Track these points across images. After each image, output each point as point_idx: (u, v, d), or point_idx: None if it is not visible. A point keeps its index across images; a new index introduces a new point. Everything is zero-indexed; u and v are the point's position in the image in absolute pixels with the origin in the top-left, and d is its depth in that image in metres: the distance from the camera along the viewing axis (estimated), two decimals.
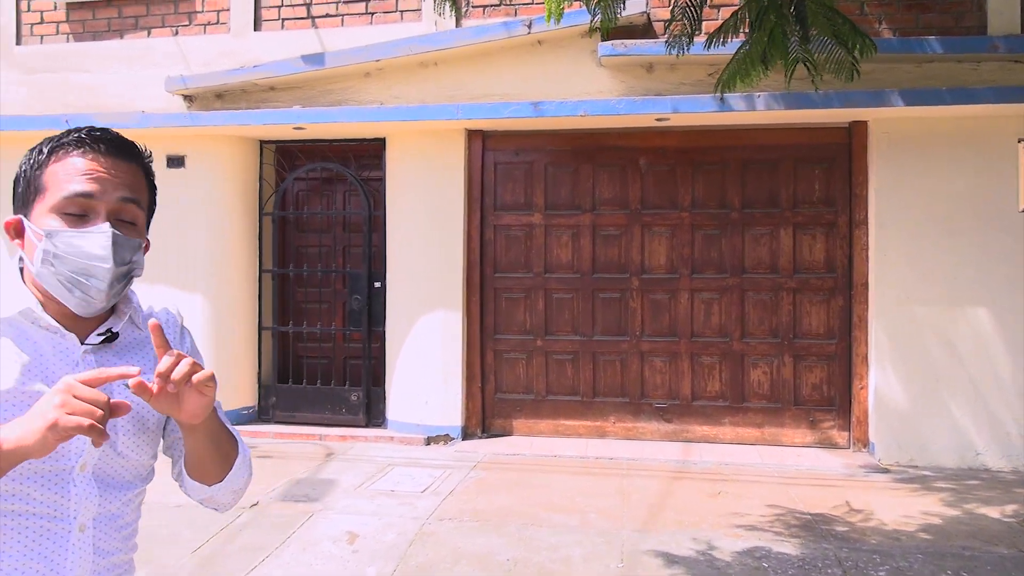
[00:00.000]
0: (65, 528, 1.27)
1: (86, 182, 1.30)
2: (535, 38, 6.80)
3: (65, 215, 1.30)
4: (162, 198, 5.81)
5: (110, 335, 1.38)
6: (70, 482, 1.28)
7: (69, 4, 7.71)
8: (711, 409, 6.78)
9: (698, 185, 6.85)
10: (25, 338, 1.30)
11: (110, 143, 1.35)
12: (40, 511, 1.26)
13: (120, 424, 1.35)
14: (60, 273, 1.29)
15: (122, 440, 1.36)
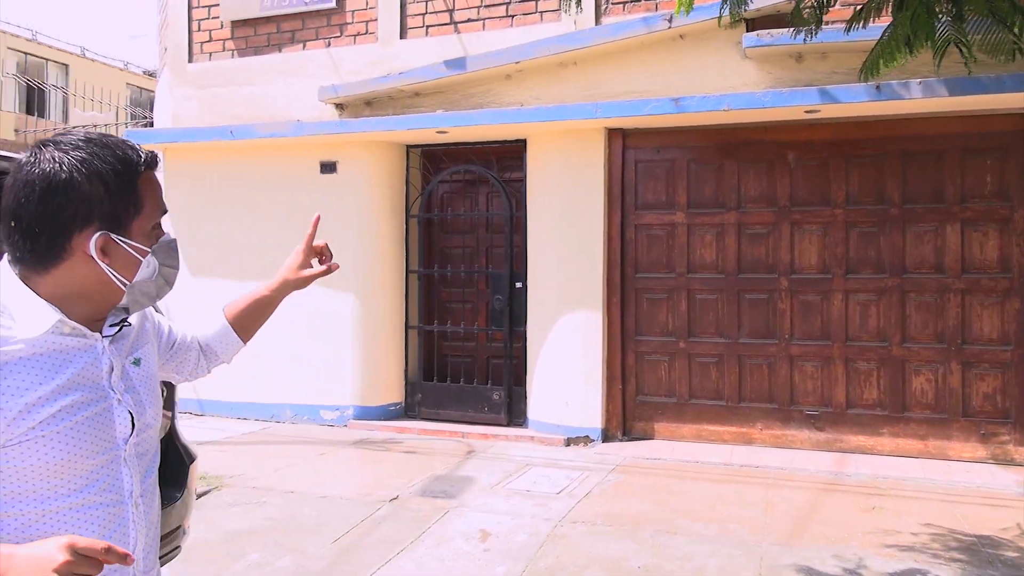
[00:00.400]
0: (124, 509, 1.38)
1: (162, 201, 1.42)
2: (676, 32, 6.63)
3: (155, 229, 1.40)
4: (315, 202, 6.17)
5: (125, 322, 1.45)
6: (122, 465, 1.38)
7: (233, 22, 8.23)
8: (867, 418, 6.37)
9: (852, 180, 6.45)
10: (54, 355, 1.32)
11: (153, 159, 1.42)
12: (105, 500, 1.35)
13: (145, 398, 1.45)
14: (145, 284, 1.40)
15: (149, 412, 1.46)
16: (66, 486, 1.30)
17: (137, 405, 1.42)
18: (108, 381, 1.38)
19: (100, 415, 1.34)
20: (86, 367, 1.35)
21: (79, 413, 1.30)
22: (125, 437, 1.39)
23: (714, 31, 6.61)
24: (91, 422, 1.32)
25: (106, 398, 1.36)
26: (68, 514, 1.31)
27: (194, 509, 5.09)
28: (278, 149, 7.79)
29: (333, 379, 7.59)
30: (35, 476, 1.27)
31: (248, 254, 7.90)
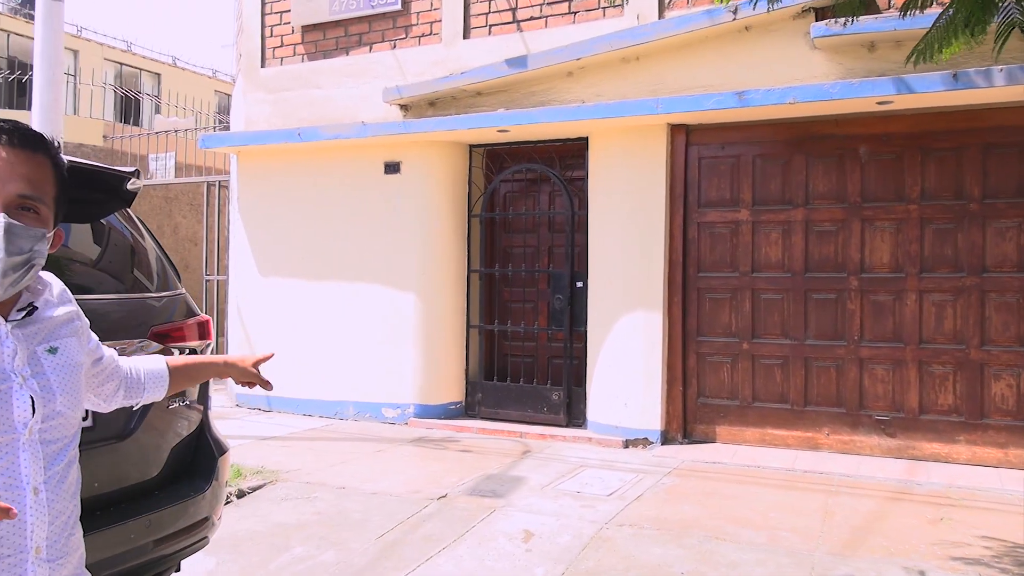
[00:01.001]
0: (21, 492, 1.35)
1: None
2: (741, 24, 6.44)
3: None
4: (378, 203, 6.26)
5: (31, 308, 1.44)
6: (19, 449, 1.35)
7: (304, 27, 8.41)
8: (942, 425, 6.04)
9: (928, 174, 6.13)
10: None
11: (14, 135, 1.36)
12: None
13: (57, 386, 1.42)
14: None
15: (60, 400, 1.43)
16: None
17: (45, 391, 1.41)
18: (11, 364, 1.37)
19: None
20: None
21: None
22: (24, 421, 1.36)
23: (781, 22, 6.41)
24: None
25: (5, 380, 1.35)
26: None
27: (248, 502, 5.23)
28: (343, 150, 7.92)
29: (395, 378, 7.67)
30: None
31: (314, 254, 8.07)
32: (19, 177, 1.34)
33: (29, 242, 1.34)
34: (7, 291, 1.35)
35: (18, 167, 1.34)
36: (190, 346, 2.95)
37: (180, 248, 11.14)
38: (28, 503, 1.36)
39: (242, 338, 8.49)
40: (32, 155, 1.37)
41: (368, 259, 7.80)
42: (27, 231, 1.34)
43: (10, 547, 1.33)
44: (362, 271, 7.83)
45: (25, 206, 1.34)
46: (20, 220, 1.33)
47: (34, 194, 1.36)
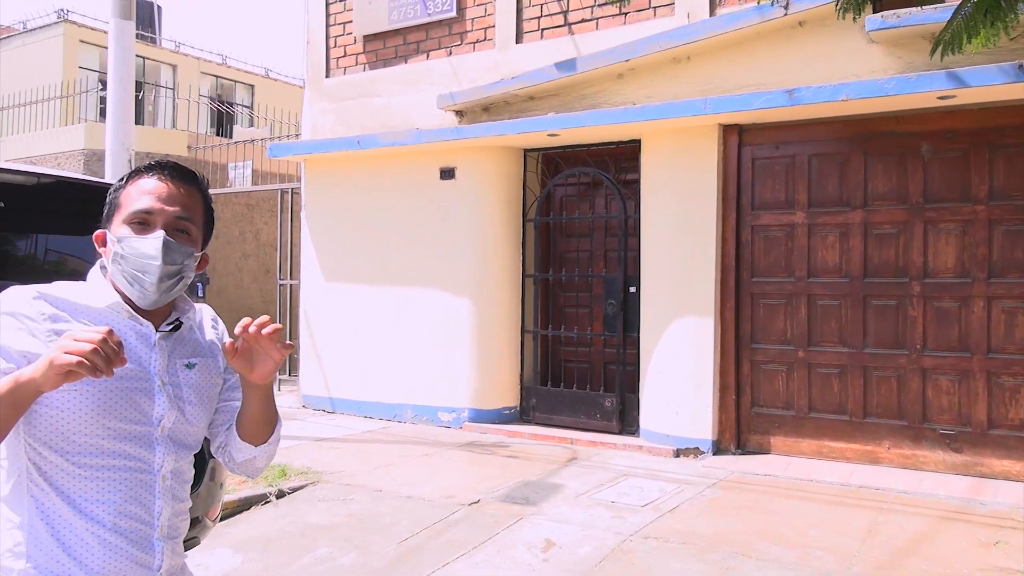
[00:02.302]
0: (152, 479, 1.59)
1: (148, 200, 1.60)
2: (794, 19, 6.21)
3: (132, 224, 1.59)
4: (434, 209, 6.35)
5: (178, 324, 1.68)
6: (155, 442, 1.59)
7: (365, 37, 8.58)
8: (1013, 440, 5.64)
9: (998, 172, 5.75)
10: (112, 324, 1.58)
11: (172, 169, 1.65)
12: (135, 465, 1.57)
13: (187, 397, 1.66)
14: (125, 271, 1.58)
15: (189, 409, 1.66)
16: (97, 446, 1.52)
17: (177, 399, 1.63)
18: (155, 368, 1.61)
19: (139, 390, 1.57)
20: (138, 350, 1.60)
21: (119, 382, 1.53)
22: (159, 418, 1.59)
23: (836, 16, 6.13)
24: (128, 392, 1.55)
25: (149, 380, 1.59)
26: (101, 471, 1.53)
27: (286, 503, 5.35)
28: (400, 157, 8.03)
29: (450, 382, 7.72)
30: (69, 424, 1.50)
31: (373, 259, 8.21)
32: (177, 203, 1.62)
33: (181, 256, 1.59)
34: (161, 297, 1.60)
35: (176, 196, 1.62)
36: None
37: (261, 253, 11.56)
38: (157, 488, 1.59)
39: (309, 342, 8.72)
40: (187, 187, 1.65)
41: (424, 264, 7.88)
42: (180, 247, 1.60)
43: (140, 522, 1.57)
44: (418, 276, 7.92)
45: (180, 228, 1.61)
46: (174, 239, 1.59)
47: (188, 217, 1.63)
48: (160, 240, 1.56)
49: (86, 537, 1.51)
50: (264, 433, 1.73)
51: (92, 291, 1.61)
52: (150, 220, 1.59)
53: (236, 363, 1.59)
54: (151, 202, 1.59)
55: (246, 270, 11.62)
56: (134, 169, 1.67)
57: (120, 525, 1.54)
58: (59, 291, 1.58)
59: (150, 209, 1.59)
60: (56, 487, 1.51)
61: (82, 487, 1.52)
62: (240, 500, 5.14)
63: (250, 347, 1.58)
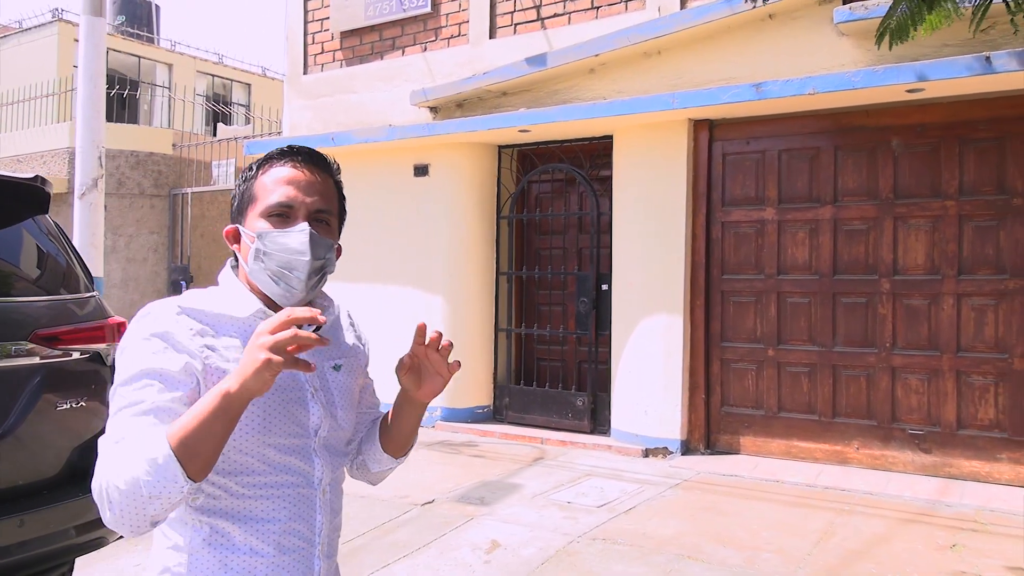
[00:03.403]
0: (313, 493, 1.49)
1: (289, 188, 1.48)
2: (764, 12, 6.10)
3: (271, 218, 1.47)
4: (408, 206, 6.28)
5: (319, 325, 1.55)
6: (312, 453, 1.49)
7: (342, 33, 8.53)
8: (982, 441, 5.52)
9: (968, 167, 5.63)
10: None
11: (307, 155, 1.53)
12: (297, 480, 1.47)
13: (338, 401, 1.56)
14: (268, 268, 1.46)
15: (340, 414, 1.55)
16: (261, 464, 1.43)
17: (329, 404, 1.53)
18: (304, 375, 1.49)
19: (293, 402, 1.46)
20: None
21: (275, 395, 1.44)
22: (316, 428, 1.49)
23: (806, 8, 6.05)
24: (285, 406, 1.45)
25: (300, 389, 1.49)
26: (264, 490, 1.44)
27: None
28: (375, 154, 7.97)
29: None
30: (234, 448, 1.40)
31: (348, 256, 8.12)
32: (316, 193, 1.50)
33: (324, 250, 1.49)
34: (308, 295, 1.50)
35: (314, 185, 1.50)
36: (81, 348, 2.98)
37: None
38: (318, 502, 1.49)
39: None
40: (323, 174, 1.53)
41: (398, 261, 7.82)
42: (324, 240, 1.49)
43: (303, 540, 1.48)
44: (392, 273, 7.86)
45: (320, 219, 1.50)
46: (317, 231, 1.48)
47: (327, 207, 1.52)
48: (307, 234, 1.45)
49: (250, 558, 1.43)
50: (407, 445, 1.68)
51: (231, 298, 1.50)
52: (291, 213, 1.48)
53: (406, 379, 1.52)
54: (291, 193, 1.48)
55: None
56: (263, 157, 1.55)
57: (285, 544, 1.45)
58: (199, 302, 1.46)
59: (291, 201, 1.47)
60: (220, 508, 1.42)
61: (248, 507, 1.43)
62: None
63: (419, 362, 1.52)
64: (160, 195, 11.00)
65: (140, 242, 10.85)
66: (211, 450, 1.26)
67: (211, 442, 1.25)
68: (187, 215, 10.85)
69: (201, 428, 1.24)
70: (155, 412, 1.31)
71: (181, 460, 1.23)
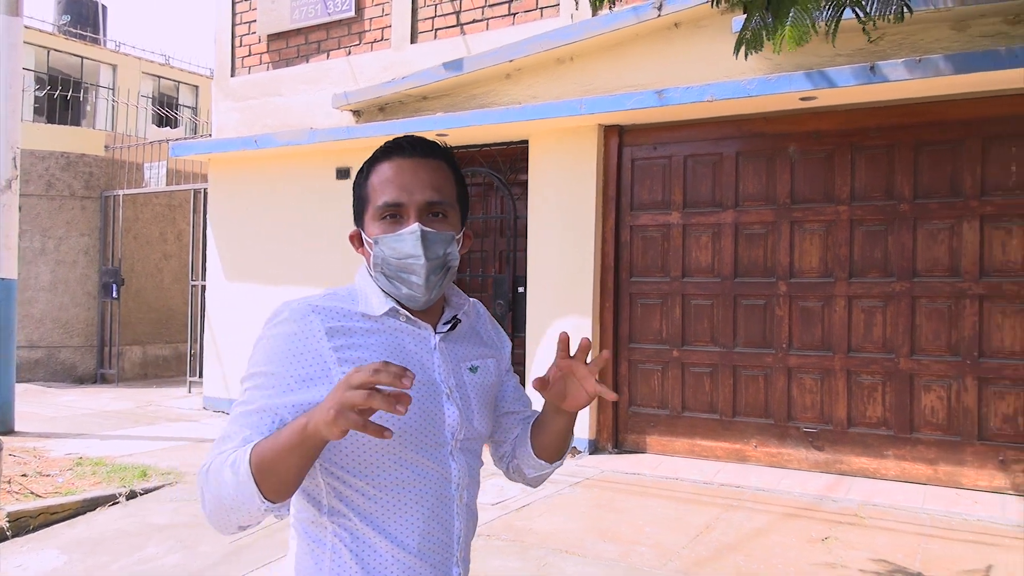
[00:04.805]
0: (451, 497, 1.43)
1: (393, 189, 1.41)
2: (670, 21, 6.25)
3: (383, 220, 1.42)
4: (331, 209, 6.31)
5: (456, 321, 1.51)
6: (449, 456, 1.43)
7: (269, 36, 8.55)
8: (871, 438, 5.71)
9: (859, 173, 5.82)
10: (391, 334, 1.43)
11: (412, 146, 1.45)
12: (435, 484, 1.41)
13: (475, 404, 1.49)
14: (388, 273, 1.41)
15: (477, 417, 1.49)
16: (396, 465, 1.38)
17: (465, 407, 1.47)
18: (440, 375, 1.45)
19: (429, 404, 1.41)
20: (420, 357, 1.44)
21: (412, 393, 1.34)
22: (453, 431, 1.44)
23: (710, 17, 6.19)
24: (420, 404, 1.39)
25: (436, 391, 1.43)
26: (401, 493, 1.38)
27: (136, 503, 5.30)
28: (299, 157, 8.01)
29: None
30: (370, 452, 1.35)
31: (273, 260, 8.18)
32: (425, 185, 1.42)
33: (443, 246, 1.42)
34: (432, 295, 1.43)
35: (422, 175, 1.42)
36: None
37: (183, 253, 11.45)
38: (455, 509, 1.44)
39: (211, 343, 8.66)
40: (432, 161, 1.45)
41: (323, 265, 7.85)
42: (440, 235, 1.41)
43: (441, 545, 1.42)
44: (318, 277, 7.89)
45: (435, 212, 1.42)
46: (431, 226, 1.41)
47: (440, 199, 1.43)
48: (417, 235, 1.39)
49: (390, 564, 1.37)
50: (562, 450, 1.61)
51: (365, 297, 1.45)
52: (401, 212, 1.41)
53: (549, 393, 1.47)
54: (397, 193, 1.41)
55: (167, 271, 11.52)
56: (373, 153, 1.49)
57: (425, 550, 1.39)
58: (332, 301, 1.42)
59: (398, 200, 1.41)
60: (357, 509, 1.37)
61: (384, 510, 1.38)
62: (85, 501, 5.09)
63: (564, 374, 1.46)
64: (91, 197, 10.90)
65: (70, 244, 10.75)
66: (288, 479, 1.22)
67: (287, 472, 1.21)
68: (119, 217, 10.77)
69: (279, 455, 1.20)
70: (262, 414, 1.30)
71: (258, 481, 1.20)
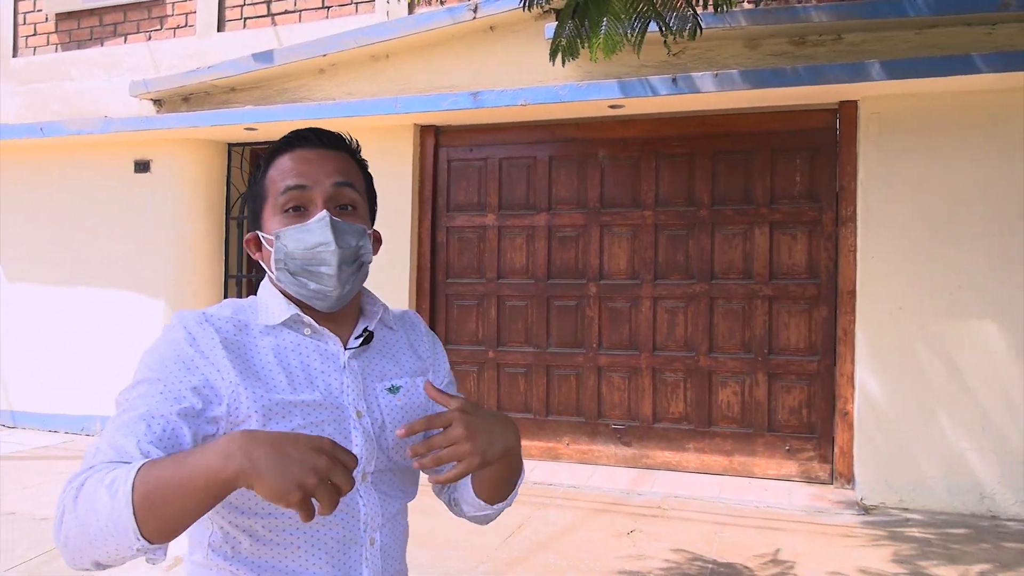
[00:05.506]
0: (357, 540, 1.27)
1: (296, 176, 1.30)
2: (485, 24, 6.27)
3: (286, 212, 1.30)
4: (129, 203, 5.71)
5: (367, 335, 1.36)
6: (356, 492, 1.27)
7: (58, 15, 7.85)
8: (674, 433, 5.99)
9: (663, 180, 6.09)
10: (290, 346, 1.29)
11: (316, 137, 1.34)
12: (337, 526, 1.25)
13: (391, 429, 1.32)
14: (294, 270, 1.29)
15: (394, 446, 1.32)
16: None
17: (379, 434, 1.30)
18: (346, 395, 1.29)
19: (331, 431, 1.24)
20: (324, 375, 1.28)
21: (311, 416, 1.23)
22: (360, 462, 1.26)
23: (524, 22, 6.27)
24: (322, 431, 1.23)
25: (342, 415, 1.27)
26: (294, 536, 1.22)
27: None
28: (93, 147, 7.40)
29: None
30: None
31: (63, 258, 7.51)
32: (332, 171, 1.31)
33: (354, 237, 1.31)
34: (344, 291, 1.30)
35: (328, 164, 1.32)
36: None
37: None
38: (364, 554, 1.28)
39: None
40: (339, 153, 1.36)
41: (118, 264, 7.29)
42: (351, 226, 1.31)
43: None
44: (112, 276, 7.32)
45: (343, 202, 1.31)
46: (341, 217, 1.30)
47: (350, 182, 1.33)
48: (326, 221, 1.27)
49: None
50: (506, 492, 1.41)
51: (265, 306, 1.32)
52: (306, 200, 1.29)
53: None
54: (300, 177, 1.29)
55: None
56: (273, 145, 1.36)
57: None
58: (229, 312, 1.29)
59: (302, 184, 1.29)
60: (243, 555, 1.22)
61: (275, 556, 1.22)
62: None
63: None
64: None
65: None
66: (177, 522, 1.03)
67: (179, 514, 1.02)
68: None
69: (173, 493, 1.00)
70: (149, 420, 1.13)
71: (139, 515, 1.00)
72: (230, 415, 1.20)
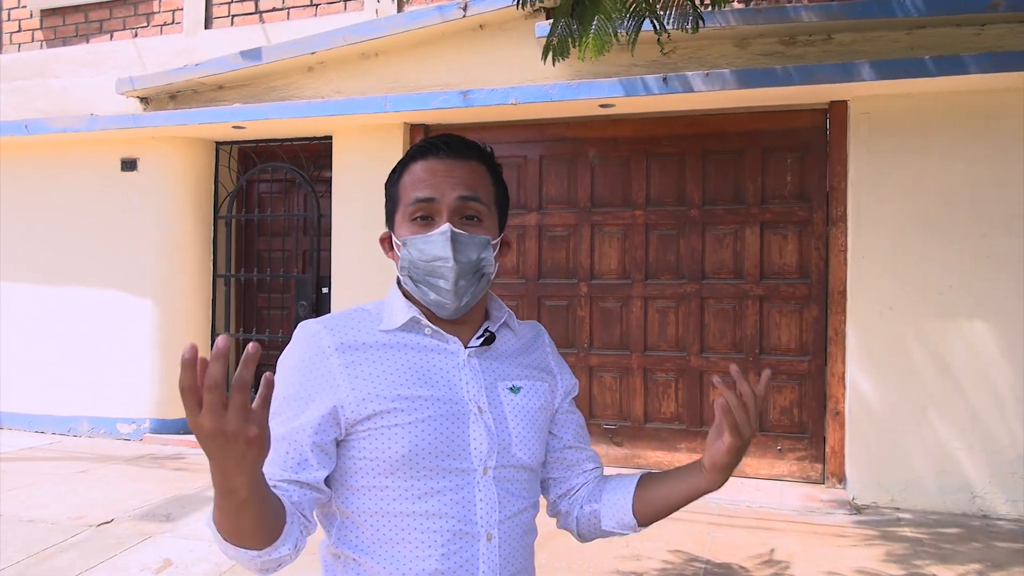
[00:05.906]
0: (474, 535, 1.27)
1: (424, 187, 1.33)
2: (476, 22, 6.24)
3: (414, 221, 1.33)
4: (116, 202, 5.63)
5: (488, 336, 1.39)
6: (474, 487, 1.28)
7: (43, 11, 7.77)
8: (665, 433, 5.98)
9: (654, 180, 6.08)
10: (410, 345, 1.34)
11: (447, 146, 1.36)
12: (451, 519, 1.26)
13: (514, 428, 1.35)
14: (416, 277, 1.33)
15: (516, 443, 1.34)
16: (408, 488, 1.26)
17: (500, 430, 1.32)
18: (468, 392, 1.32)
19: (449, 425, 1.28)
20: (445, 372, 1.33)
21: (425, 411, 1.27)
22: (481, 456, 1.29)
23: (514, 21, 6.24)
24: (437, 424, 1.27)
25: (461, 410, 1.30)
26: (410, 521, 1.25)
27: None
28: (79, 145, 7.32)
29: (131, 390, 7.11)
30: (377, 470, 1.26)
31: (51, 257, 7.43)
32: (458, 183, 1.33)
33: (475, 249, 1.33)
34: (462, 302, 1.33)
35: (457, 175, 1.34)
36: None
37: None
38: (480, 549, 1.27)
39: None
40: (469, 163, 1.36)
41: (105, 262, 7.22)
42: (473, 238, 1.32)
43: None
44: (99, 275, 7.25)
45: (468, 214, 1.33)
46: (464, 229, 1.32)
47: (475, 197, 1.33)
48: (447, 235, 1.30)
49: None
50: (658, 518, 1.44)
51: (390, 310, 1.37)
52: (432, 211, 1.32)
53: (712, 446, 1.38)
54: (428, 190, 1.32)
55: None
56: (408, 152, 1.39)
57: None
58: (350, 318, 1.35)
59: (429, 197, 1.32)
60: (362, 546, 1.27)
61: (394, 547, 1.25)
62: None
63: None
64: None
65: None
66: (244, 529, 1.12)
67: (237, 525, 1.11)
68: None
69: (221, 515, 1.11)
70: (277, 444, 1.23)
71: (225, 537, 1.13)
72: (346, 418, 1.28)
